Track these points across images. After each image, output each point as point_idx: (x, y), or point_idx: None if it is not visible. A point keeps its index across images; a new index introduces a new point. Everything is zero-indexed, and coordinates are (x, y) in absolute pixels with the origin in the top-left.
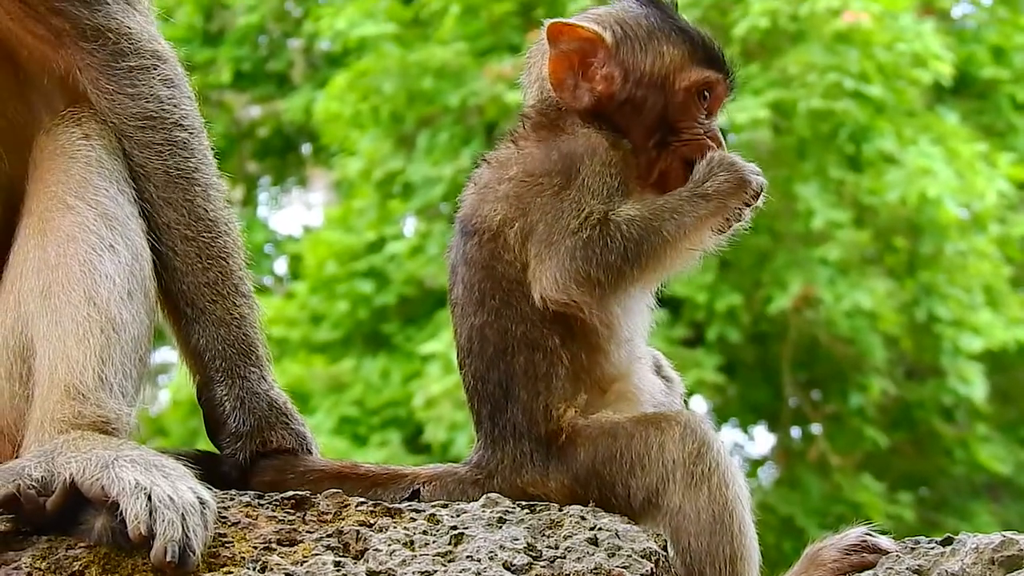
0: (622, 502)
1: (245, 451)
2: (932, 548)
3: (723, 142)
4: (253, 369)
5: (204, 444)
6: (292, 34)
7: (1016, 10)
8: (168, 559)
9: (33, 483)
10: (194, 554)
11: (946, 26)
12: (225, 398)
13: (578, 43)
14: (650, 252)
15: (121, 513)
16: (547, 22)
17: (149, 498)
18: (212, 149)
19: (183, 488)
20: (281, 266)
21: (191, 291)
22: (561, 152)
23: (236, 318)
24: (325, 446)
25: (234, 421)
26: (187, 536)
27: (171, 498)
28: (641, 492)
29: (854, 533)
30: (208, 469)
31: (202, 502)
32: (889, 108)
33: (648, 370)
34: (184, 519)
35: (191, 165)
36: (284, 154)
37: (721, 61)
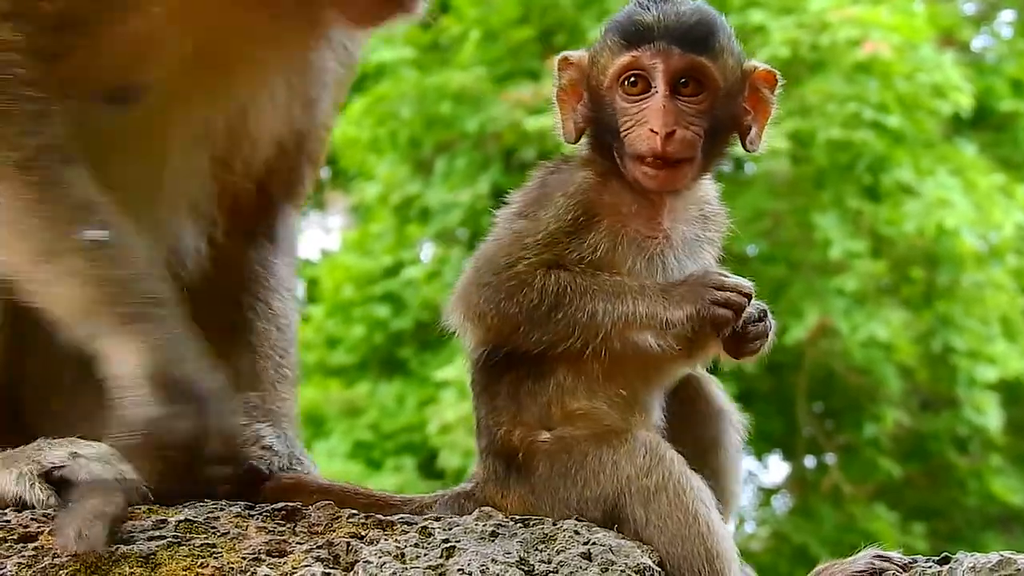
0: (577, 516)
1: (278, 464)
2: (929, 567)
3: (658, 112)
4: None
5: None
6: None
7: None
8: None
9: None
10: None
11: (966, 58)
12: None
13: (566, 73)
14: (566, 322)
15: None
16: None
17: None
18: None
19: None
20: (298, 289)
21: None
22: (543, 181)
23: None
24: (340, 470)
25: (268, 439)
26: None
27: None
28: (599, 506)
29: (863, 557)
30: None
31: None
32: (908, 139)
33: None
34: None
35: None
36: None
37: (639, 34)
